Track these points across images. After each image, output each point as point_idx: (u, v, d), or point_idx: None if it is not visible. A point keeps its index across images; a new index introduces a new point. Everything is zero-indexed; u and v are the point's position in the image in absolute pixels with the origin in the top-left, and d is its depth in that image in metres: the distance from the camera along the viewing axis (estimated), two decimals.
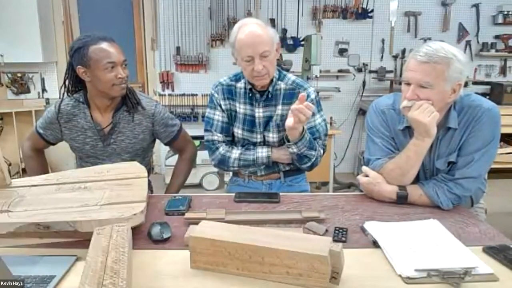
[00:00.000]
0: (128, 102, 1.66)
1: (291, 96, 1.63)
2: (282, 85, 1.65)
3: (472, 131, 1.35)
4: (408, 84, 1.32)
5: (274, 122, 1.64)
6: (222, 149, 1.67)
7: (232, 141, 1.74)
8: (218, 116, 1.69)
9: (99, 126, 1.66)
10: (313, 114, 1.62)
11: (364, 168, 1.48)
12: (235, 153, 1.67)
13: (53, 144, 1.76)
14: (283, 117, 1.59)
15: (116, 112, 1.66)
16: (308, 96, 1.61)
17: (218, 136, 1.68)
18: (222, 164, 1.69)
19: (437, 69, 1.26)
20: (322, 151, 1.66)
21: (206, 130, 1.71)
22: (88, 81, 1.59)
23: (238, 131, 1.69)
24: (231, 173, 1.87)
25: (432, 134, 1.31)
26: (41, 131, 1.71)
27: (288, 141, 1.54)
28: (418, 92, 1.29)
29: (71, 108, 1.66)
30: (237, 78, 1.69)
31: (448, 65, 1.25)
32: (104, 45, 1.55)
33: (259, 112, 1.65)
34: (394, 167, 1.38)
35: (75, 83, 1.67)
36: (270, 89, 1.62)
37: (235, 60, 1.62)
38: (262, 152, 1.65)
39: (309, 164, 1.62)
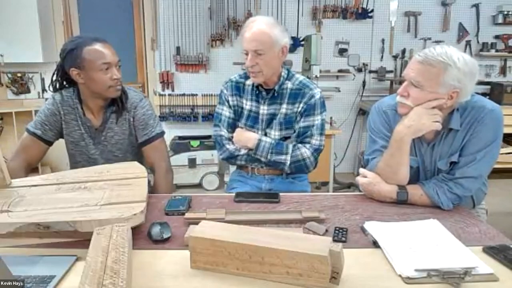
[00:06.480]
0: (119, 102, 1.64)
1: (296, 96, 1.67)
2: (289, 84, 1.69)
3: (474, 131, 1.34)
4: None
5: (277, 120, 1.68)
6: (230, 145, 1.72)
7: None
8: (225, 112, 1.75)
9: (89, 122, 1.65)
10: (314, 114, 1.66)
11: (361, 170, 1.49)
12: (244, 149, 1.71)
13: (50, 144, 1.68)
14: (287, 116, 1.67)
15: (106, 111, 1.65)
16: (312, 96, 1.65)
17: (225, 132, 1.73)
18: (230, 158, 1.74)
19: (431, 71, 1.27)
20: (311, 150, 1.65)
21: (215, 125, 1.77)
22: (81, 83, 1.56)
23: (240, 126, 1.75)
24: (231, 171, 1.89)
25: (406, 141, 1.34)
26: (37, 131, 1.62)
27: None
28: (409, 89, 1.33)
29: (70, 100, 1.65)
30: (247, 76, 1.75)
31: (444, 70, 1.26)
32: (98, 46, 1.52)
33: (264, 109, 1.70)
34: (384, 166, 1.40)
35: (64, 86, 1.65)
36: (276, 87, 1.67)
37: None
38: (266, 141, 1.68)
39: (285, 167, 1.66)
